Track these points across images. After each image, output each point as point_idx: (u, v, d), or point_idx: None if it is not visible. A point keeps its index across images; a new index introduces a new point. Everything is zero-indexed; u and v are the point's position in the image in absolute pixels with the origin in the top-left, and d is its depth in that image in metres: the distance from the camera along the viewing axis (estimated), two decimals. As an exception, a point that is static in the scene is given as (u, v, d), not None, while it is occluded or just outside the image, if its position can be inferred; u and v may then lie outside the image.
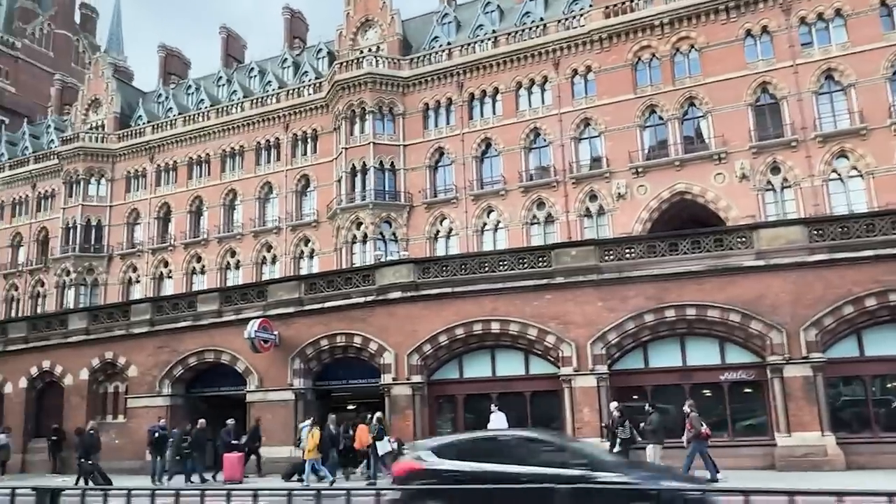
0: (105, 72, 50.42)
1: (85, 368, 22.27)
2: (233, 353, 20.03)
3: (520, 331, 17.40)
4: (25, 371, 23.27)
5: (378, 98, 39.05)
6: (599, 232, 34.09)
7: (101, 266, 46.86)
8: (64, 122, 54.12)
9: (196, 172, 45.58)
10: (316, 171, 41.74)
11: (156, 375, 20.86)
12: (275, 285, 20.81)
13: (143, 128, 47.64)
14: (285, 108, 42.92)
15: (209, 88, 48.19)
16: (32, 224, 50.17)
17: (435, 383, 18.39)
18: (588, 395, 16.27)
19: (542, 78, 36.83)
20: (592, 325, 16.62)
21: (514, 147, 36.68)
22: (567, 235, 34.21)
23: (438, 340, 17.99)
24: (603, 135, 34.91)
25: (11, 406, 23.38)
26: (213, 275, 43.55)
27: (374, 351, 18.60)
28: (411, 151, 38.95)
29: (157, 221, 46.19)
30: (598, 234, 33.87)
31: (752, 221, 27.35)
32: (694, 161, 32.68)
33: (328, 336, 19.00)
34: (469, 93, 38.32)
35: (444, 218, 37.99)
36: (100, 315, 23.27)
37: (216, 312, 20.55)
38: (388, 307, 18.40)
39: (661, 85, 34.05)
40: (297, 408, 19.12)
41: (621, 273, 16.60)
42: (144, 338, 21.46)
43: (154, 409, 20.59)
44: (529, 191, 36.09)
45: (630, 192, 33.74)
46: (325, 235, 40.41)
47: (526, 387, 17.83)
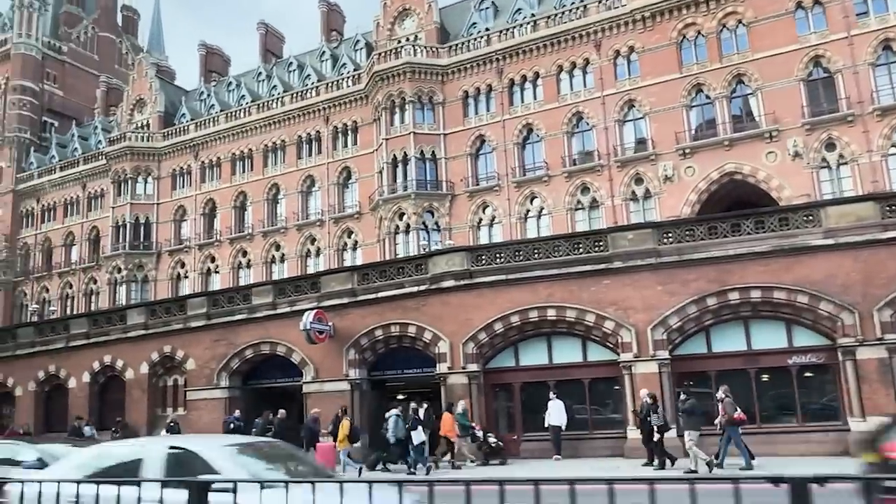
0: (148, 72, 51.32)
1: (145, 362, 22.76)
2: (288, 344, 20.20)
3: (577, 317, 17.10)
4: (88, 366, 23.90)
5: (417, 87, 38.87)
6: (646, 216, 33.40)
7: (150, 263, 47.88)
8: (110, 123, 55.33)
9: (239, 168, 46.13)
10: (357, 162, 41.83)
11: (213, 368, 21.19)
12: (327, 276, 20.89)
13: (186, 125, 48.39)
14: (325, 101, 43.07)
15: (249, 84, 48.68)
16: (84, 223, 51.50)
17: (491, 371, 18.24)
18: (649, 382, 15.89)
19: (583, 61, 36.18)
20: (652, 309, 16.23)
21: (557, 132, 36.15)
22: (613, 220, 33.60)
23: (494, 328, 17.82)
24: (648, 116, 34.16)
25: (76, 400, 24.06)
26: (259, 269, 44.10)
27: (428, 340, 18.53)
28: (452, 140, 38.72)
29: (202, 217, 46.93)
30: (644, 218, 33.19)
31: (809, 200, 26.51)
32: (744, 140, 31.73)
33: (382, 326, 19.00)
34: (509, 78, 37.88)
35: (487, 206, 37.73)
36: (157, 310, 23.72)
37: (270, 305, 20.74)
38: (442, 296, 18.29)
39: (708, 63, 33.12)
40: (353, 398, 19.20)
41: (681, 256, 16.15)
42: (201, 331, 21.81)
43: (213, 401, 20.96)
44: (573, 176, 35.57)
45: (677, 175, 32.97)
46: (368, 227, 40.53)
47: (584, 374, 17.55)
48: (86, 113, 59.31)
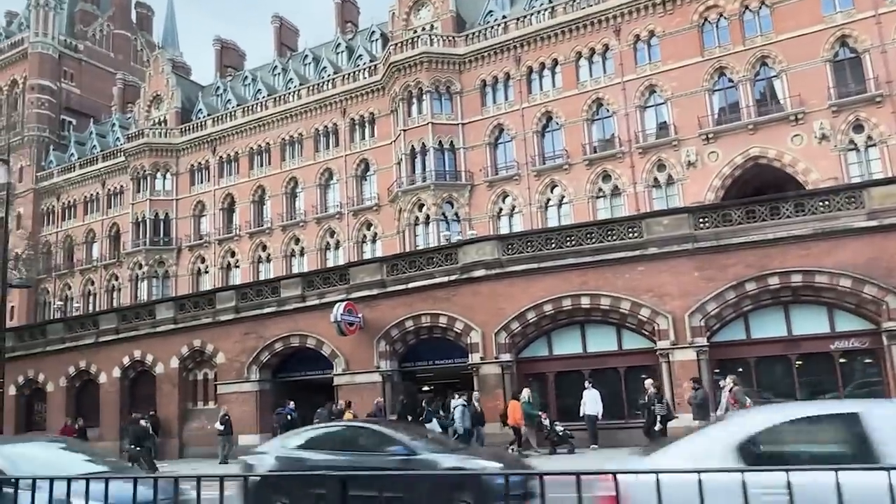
0: (165, 68, 51.42)
1: (174, 357, 22.82)
2: (318, 336, 20.15)
3: (612, 305, 16.87)
4: (118, 361, 24.00)
5: (434, 77, 38.61)
6: (669, 203, 33.03)
7: (170, 258, 48.12)
8: (128, 120, 55.58)
9: (257, 162, 46.15)
10: (375, 154, 41.68)
11: (243, 361, 21.20)
12: (356, 268, 20.79)
13: (203, 121, 48.45)
14: (341, 93, 42.93)
15: (265, 78, 48.63)
16: (104, 220, 51.84)
17: (523, 361, 18.08)
18: (688, 369, 15.67)
19: (602, 46, 35.74)
20: (689, 296, 15.97)
21: (577, 119, 35.78)
22: (635, 208, 33.26)
23: (526, 317, 17.64)
24: (669, 101, 33.70)
25: (106, 395, 24.20)
26: (279, 262, 44.19)
27: (459, 330, 18.39)
28: (470, 130, 38.46)
29: (222, 212, 47.06)
30: (667, 204, 32.81)
31: (837, 183, 26.05)
32: (768, 123, 31.22)
33: (413, 317, 18.88)
34: (527, 66, 37.52)
35: (507, 195, 37.48)
36: (186, 304, 23.76)
37: (300, 297, 20.68)
38: (473, 285, 18.12)
39: (731, 46, 32.58)
40: (384, 390, 19.13)
41: (719, 241, 15.87)
42: (230, 325, 21.81)
43: (243, 394, 20.98)
44: (594, 163, 35.22)
45: (700, 160, 32.54)
46: (387, 219, 40.43)
47: (619, 362, 17.35)
48: (103, 110, 59.60)
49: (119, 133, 54.01)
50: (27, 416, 25.87)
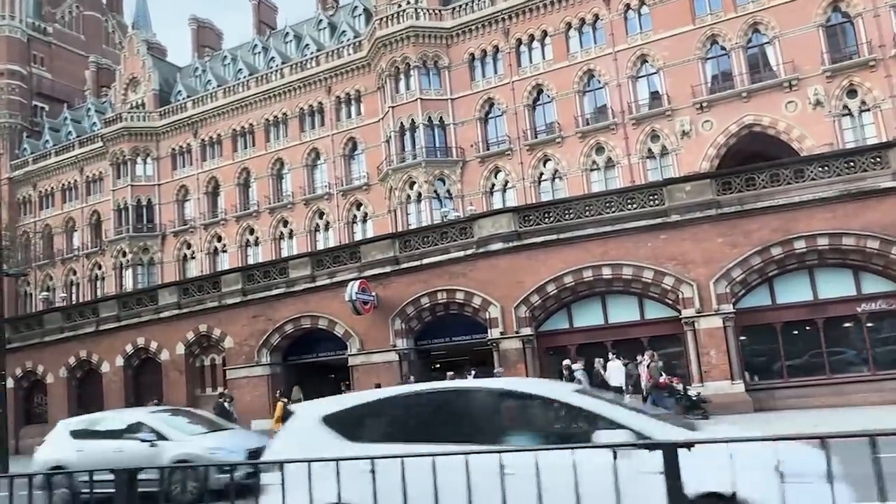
0: (140, 49, 49.91)
1: (180, 343, 22.24)
2: (330, 317, 19.72)
3: (634, 274, 16.69)
4: (120, 349, 23.35)
5: (422, 52, 37.91)
6: (663, 173, 32.86)
7: (155, 245, 47.11)
8: (103, 105, 54.02)
9: (241, 144, 45.16)
10: (363, 132, 40.98)
11: (253, 345, 20.71)
12: (368, 245, 20.33)
13: (183, 103, 47.21)
14: (326, 70, 42.03)
15: (245, 57, 47.44)
16: (84, 208, 50.54)
17: (544, 334, 17.87)
18: (714, 337, 15.57)
19: (592, 16, 35.32)
20: (713, 262, 15.83)
21: (568, 91, 35.41)
22: (630, 179, 33.16)
23: (546, 290, 17.38)
24: (662, 71, 33.46)
25: (110, 385, 23.56)
26: (268, 246, 43.48)
27: (477, 306, 18.09)
28: (460, 105, 37.93)
29: (206, 196, 46.08)
30: (662, 175, 32.63)
31: (832, 149, 26.07)
32: (762, 91, 31.17)
33: (428, 293, 18.52)
34: (516, 39, 36.99)
35: (499, 171, 37.14)
36: (190, 288, 23.12)
37: (309, 277, 20.19)
38: (490, 259, 17.80)
39: (722, 13, 32.37)
40: (401, 369, 18.80)
41: (743, 206, 15.70)
42: (238, 308, 21.28)
43: (254, 378, 20.53)
44: (587, 136, 34.96)
45: (695, 129, 32.44)
46: (378, 198, 39.89)
47: (642, 332, 17.21)
48: (76, 95, 57.81)
49: (95, 118, 52.47)
50: (26, 409, 25.21)
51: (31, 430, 24.19)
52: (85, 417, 14.53)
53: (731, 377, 15.22)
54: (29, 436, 24.00)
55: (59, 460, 11.74)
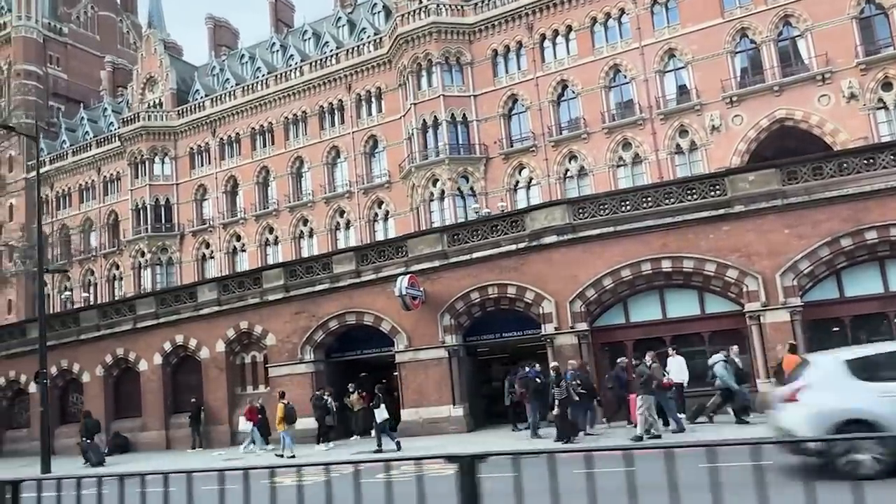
0: (157, 48, 49.74)
1: (220, 340, 21.90)
2: (376, 313, 19.35)
3: (695, 267, 16.28)
4: (158, 347, 23.02)
5: (444, 48, 37.62)
6: (692, 169, 32.56)
7: (173, 244, 46.96)
8: (119, 105, 53.85)
9: (260, 143, 44.96)
10: (384, 130, 40.72)
11: (296, 342, 20.35)
12: (414, 239, 19.94)
13: (201, 102, 47.02)
14: (346, 68, 41.78)
15: (263, 56, 47.19)
16: (102, 208, 50.41)
17: (599, 330, 17.47)
18: (781, 332, 15.15)
19: (618, 11, 34.95)
20: (779, 254, 15.42)
21: (594, 87, 35.07)
22: (658, 175, 32.80)
23: (602, 284, 16.98)
24: (690, 65, 33.07)
25: (148, 384, 23.23)
26: (287, 245, 43.26)
27: (530, 300, 17.71)
28: (483, 101, 37.62)
29: (225, 195, 45.90)
30: (691, 170, 32.36)
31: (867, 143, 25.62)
32: (794, 84, 30.74)
33: (479, 288, 18.12)
34: (540, 34, 36.65)
35: (523, 167, 36.82)
36: (230, 285, 22.74)
37: (354, 273, 19.82)
38: (543, 253, 17.39)
39: (752, 6, 31.96)
40: (451, 366, 18.44)
41: (810, 196, 15.30)
42: (280, 304, 20.91)
43: (298, 376, 20.16)
44: (613, 131, 34.60)
45: (725, 124, 32.03)
46: (399, 196, 39.61)
47: (703, 327, 16.79)
48: (91, 95, 57.70)
49: (112, 118, 52.34)
50: (62, 408, 24.94)
51: (66, 430, 23.94)
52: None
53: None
54: (65, 435, 23.79)
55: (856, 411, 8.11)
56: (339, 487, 4.20)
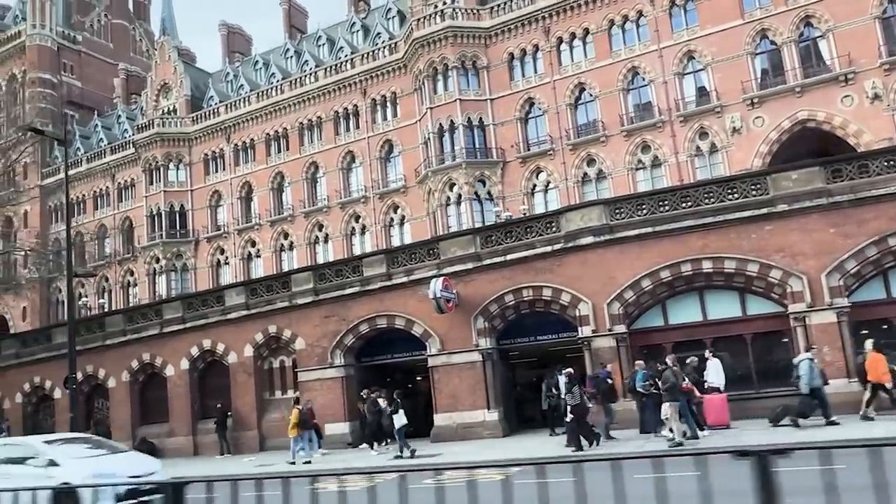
0: (171, 55, 49.85)
1: (248, 344, 21.72)
2: (407, 316, 19.14)
3: (737, 268, 16.02)
4: (185, 352, 22.86)
5: (460, 52, 37.56)
6: (713, 171, 32.32)
7: (188, 251, 46.95)
8: (133, 112, 54.00)
9: (274, 148, 44.96)
10: (399, 135, 40.64)
11: (325, 346, 20.14)
12: (447, 241, 19.73)
13: (216, 108, 47.09)
14: (361, 73, 41.75)
15: (277, 62, 47.26)
16: (116, 215, 50.45)
17: (637, 332, 17.19)
18: (827, 333, 14.87)
19: (636, 13, 34.80)
20: (825, 254, 15.15)
21: (612, 89, 34.89)
22: (678, 178, 32.58)
23: (641, 286, 16.73)
24: (710, 67, 32.87)
25: (175, 389, 23.05)
26: (303, 250, 43.17)
27: (566, 302, 17.46)
28: (499, 105, 37.51)
29: (239, 201, 45.89)
30: (711, 173, 32.12)
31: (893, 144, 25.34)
32: (816, 85, 30.50)
33: (513, 291, 17.90)
34: (557, 37, 36.53)
35: (541, 171, 36.66)
36: (258, 288, 22.59)
37: (385, 275, 19.62)
38: (579, 254, 17.16)
39: (772, 7, 31.76)
40: (485, 369, 18.19)
41: (856, 194, 15.04)
42: (309, 308, 20.70)
43: (328, 381, 19.93)
44: (632, 134, 34.41)
45: (746, 126, 31.80)
46: (415, 200, 39.47)
47: (744, 329, 16.49)
48: (104, 103, 57.86)
49: (126, 124, 52.49)
50: (87, 414, 24.78)
51: (91, 436, 23.79)
52: None
53: (847, 375, 14.50)
54: (89, 441, 23.46)
55: None
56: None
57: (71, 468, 10.91)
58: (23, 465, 11.30)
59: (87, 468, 11.00)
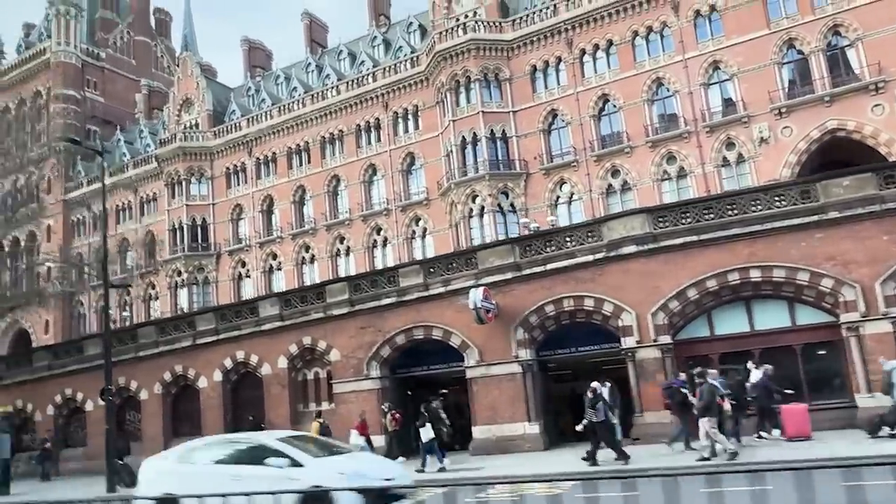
0: (194, 70, 50.33)
1: (282, 356, 21.60)
2: (445, 327, 18.94)
3: (786, 276, 15.70)
4: (219, 363, 22.76)
5: (483, 65, 37.62)
6: (740, 182, 32.01)
7: (210, 264, 47.08)
8: (155, 126, 54.48)
9: (296, 162, 45.12)
10: (421, 147, 40.68)
11: (361, 358, 19.97)
12: (485, 251, 19.55)
13: (238, 122, 47.40)
14: (383, 86, 41.89)
15: (299, 76, 47.56)
16: (138, 228, 50.70)
17: (681, 343, 16.87)
18: (883, 343, 14.44)
19: (660, 24, 34.72)
20: (879, 262, 14.81)
21: (636, 100, 34.74)
22: (705, 189, 32.31)
23: (687, 295, 16.45)
24: (736, 77, 32.66)
25: (207, 401, 22.93)
26: (324, 263, 43.16)
27: (608, 313, 17.21)
28: (522, 117, 37.47)
29: (261, 215, 46.03)
30: (739, 183, 31.81)
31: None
32: (845, 95, 30.19)
33: (553, 301, 17.67)
34: (580, 49, 36.49)
35: (564, 182, 36.49)
36: (292, 300, 22.47)
37: (421, 286, 19.46)
38: (622, 263, 16.93)
39: (799, 16, 31.55)
40: (525, 381, 17.91)
41: (912, 199, 14.73)
42: (344, 319, 20.55)
43: (363, 393, 19.73)
44: (657, 145, 34.19)
45: (774, 136, 31.49)
46: (438, 213, 39.39)
47: (794, 339, 16.13)
48: (126, 118, 58.47)
49: (149, 139, 52.94)
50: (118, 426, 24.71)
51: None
52: None
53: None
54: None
55: None
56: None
57: (317, 469, 9.94)
58: (257, 465, 10.12)
59: (333, 468, 10.14)
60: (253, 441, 11.66)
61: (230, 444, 11.95)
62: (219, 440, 13.01)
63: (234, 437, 13.64)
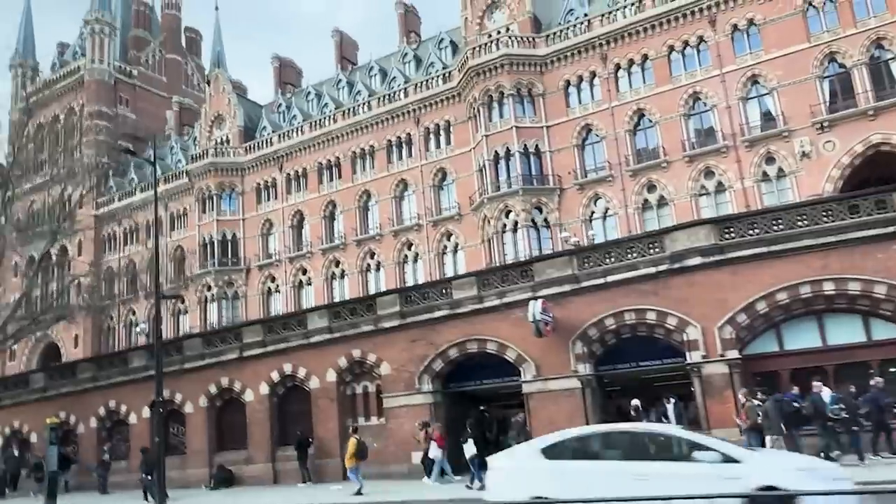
0: (225, 87, 50.89)
1: (331, 369, 21.34)
2: (500, 340, 18.62)
3: (862, 290, 15.25)
4: (265, 376, 22.56)
5: (516, 80, 37.56)
6: (781, 198, 31.49)
7: (240, 279, 47.17)
8: (186, 142, 55.02)
9: (327, 177, 45.23)
10: (452, 163, 40.61)
11: (412, 371, 19.68)
12: (542, 263, 19.27)
13: (269, 138, 47.70)
14: (414, 102, 41.98)
15: (330, 92, 47.87)
16: (168, 243, 50.96)
17: (749, 358, 16.43)
18: None
19: (696, 38, 34.49)
20: None
21: (672, 115, 34.45)
22: (744, 204, 31.83)
23: (756, 309, 16.03)
24: (775, 91, 32.28)
25: (254, 414, 22.70)
26: (354, 278, 43.06)
27: (672, 326, 16.82)
28: (555, 132, 37.28)
29: (291, 230, 46.11)
30: (779, 199, 31.30)
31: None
32: (890, 108, 29.70)
33: (614, 314, 17.32)
34: (614, 63, 36.34)
35: (599, 198, 36.16)
36: (341, 312, 22.27)
37: (475, 298, 19.16)
38: (686, 275, 16.56)
39: (840, 29, 31.20)
40: (584, 397, 17.51)
41: None
42: (395, 332, 20.30)
43: (414, 407, 19.41)
44: (695, 160, 33.81)
45: (815, 150, 31.02)
46: (470, 228, 39.20)
47: (870, 355, 15.62)
48: (157, 134, 59.07)
49: (180, 155, 53.44)
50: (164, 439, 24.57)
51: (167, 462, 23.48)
52: None
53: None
54: (166, 467, 23.17)
55: None
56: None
57: (762, 465, 8.46)
58: (674, 461, 8.69)
59: (783, 464, 8.73)
60: (656, 432, 10.12)
61: (620, 435, 10.22)
62: (596, 431, 11.13)
63: (620, 428, 11.38)
